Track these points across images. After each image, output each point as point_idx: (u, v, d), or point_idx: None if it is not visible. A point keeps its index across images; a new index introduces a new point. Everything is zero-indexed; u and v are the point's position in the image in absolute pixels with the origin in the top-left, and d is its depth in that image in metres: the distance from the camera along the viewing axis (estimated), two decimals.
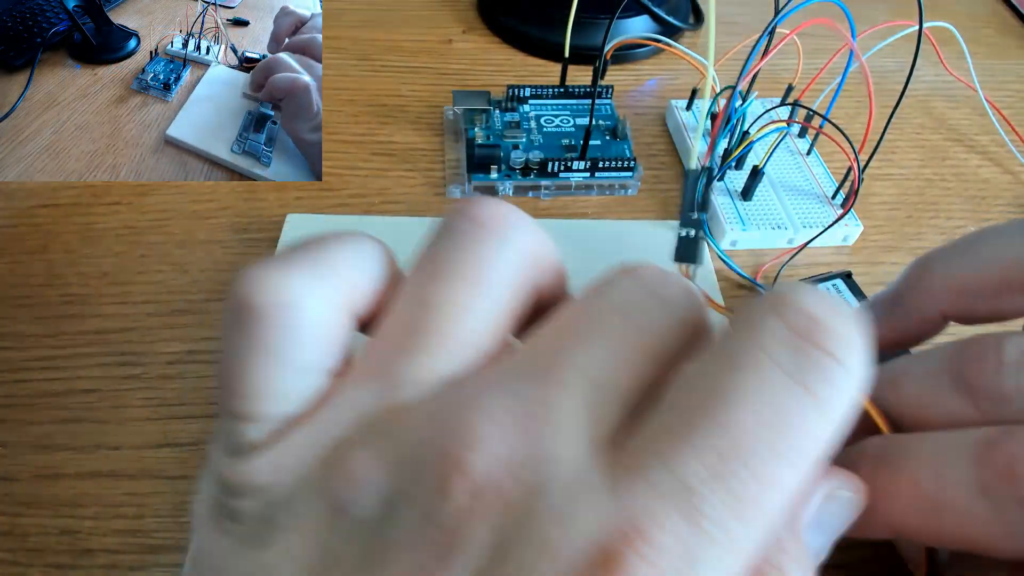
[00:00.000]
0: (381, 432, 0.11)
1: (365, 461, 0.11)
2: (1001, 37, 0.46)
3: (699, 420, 0.10)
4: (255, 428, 0.12)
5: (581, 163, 0.32)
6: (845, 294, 0.26)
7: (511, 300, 0.13)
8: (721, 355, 0.11)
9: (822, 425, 0.11)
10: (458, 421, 0.11)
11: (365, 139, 0.35)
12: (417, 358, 0.12)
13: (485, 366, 0.12)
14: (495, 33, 0.42)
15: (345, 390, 0.12)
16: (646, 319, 0.12)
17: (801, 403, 0.10)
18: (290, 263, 0.12)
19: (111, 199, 0.31)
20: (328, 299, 0.12)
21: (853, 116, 0.38)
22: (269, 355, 0.12)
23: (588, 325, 0.12)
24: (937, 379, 0.16)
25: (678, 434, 0.10)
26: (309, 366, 0.12)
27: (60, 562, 0.21)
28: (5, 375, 0.25)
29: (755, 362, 0.11)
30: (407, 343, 0.12)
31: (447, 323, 0.12)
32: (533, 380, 0.11)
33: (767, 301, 0.11)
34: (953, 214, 0.33)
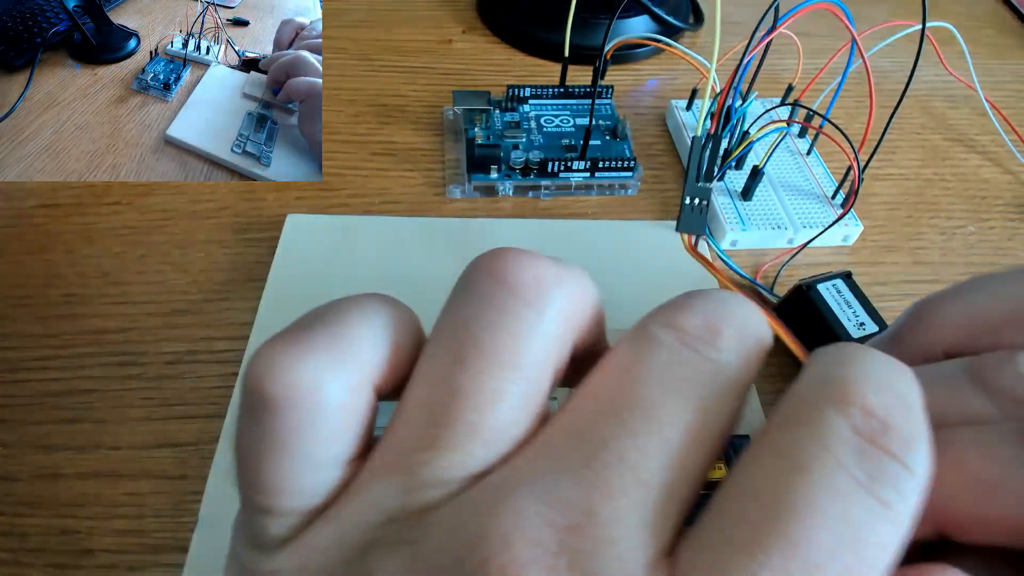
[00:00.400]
0: (405, 538, 0.10)
1: (390, 570, 0.10)
2: (1001, 37, 0.46)
3: (767, 536, 0.09)
4: (277, 523, 0.11)
5: (581, 163, 0.32)
6: (845, 294, 0.26)
7: (549, 377, 0.12)
8: (783, 455, 0.10)
9: (895, 536, 0.10)
10: (488, 533, 0.10)
11: (365, 139, 0.35)
12: (443, 455, 0.11)
13: (518, 453, 0.11)
14: (495, 33, 0.42)
15: (368, 484, 0.11)
16: (701, 395, 0.11)
17: (875, 515, 0.10)
18: (307, 343, 0.11)
19: (111, 199, 0.31)
20: (351, 383, 0.11)
21: (853, 116, 0.38)
22: (289, 450, 0.11)
23: (635, 403, 0.11)
24: (956, 380, 0.16)
25: (745, 551, 0.09)
26: (333, 459, 0.11)
27: (60, 562, 0.21)
28: (5, 375, 0.25)
29: (822, 468, 0.10)
30: (432, 437, 0.11)
31: (476, 415, 0.11)
32: (576, 481, 0.10)
33: (828, 391, 0.10)
34: (953, 214, 0.33)
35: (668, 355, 0.11)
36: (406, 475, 0.11)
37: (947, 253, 0.32)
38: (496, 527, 0.10)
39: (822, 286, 0.26)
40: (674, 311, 0.12)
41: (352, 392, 0.11)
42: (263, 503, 0.11)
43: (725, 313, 0.12)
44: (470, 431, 0.11)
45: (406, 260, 0.28)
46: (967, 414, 0.15)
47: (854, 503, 0.09)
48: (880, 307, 0.27)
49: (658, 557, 0.10)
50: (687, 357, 0.11)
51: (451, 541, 0.10)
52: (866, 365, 0.11)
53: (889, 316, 0.28)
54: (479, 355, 0.11)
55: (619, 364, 0.11)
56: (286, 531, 0.11)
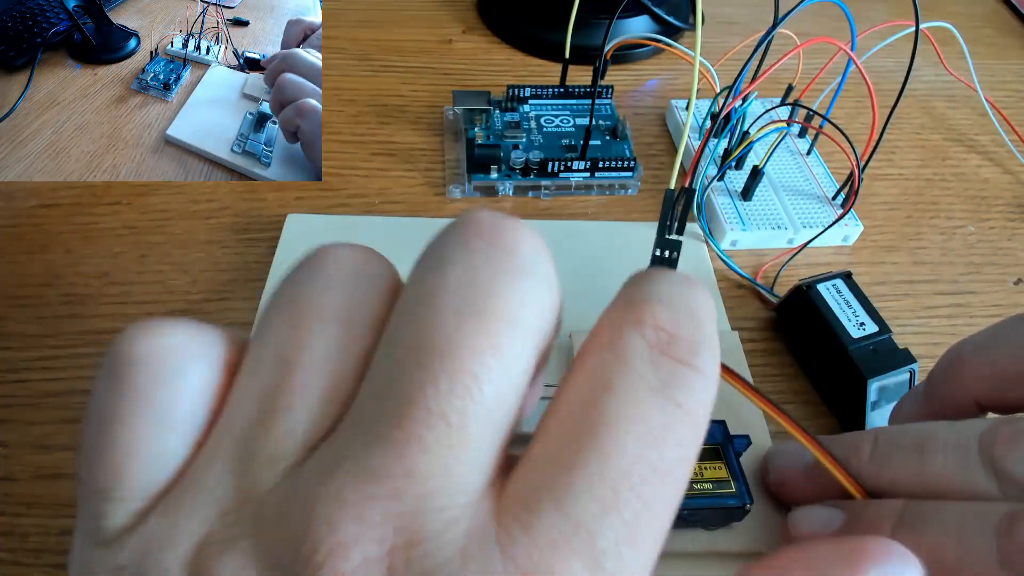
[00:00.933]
0: (241, 533, 0.10)
1: (229, 571, 0.10)
2: (1001, 37, 0.46)
3: (582, 450, 0.10)
4: (118, 509, 0.11)
5: (581, 163, 0.32)
6: (845, 294, 0.26)
7: (362, 336, 0.12)
8: (591, 375, 0.11)
9: (692, 433, 0.11)
10: (312, 520, 0.10)
11: (365, 139, 0.35)
12: (272, 429, 0.11)
13: (339, 422, 0.11)
14: (495, 33, 0.42)
15: (202, 469, 0.11)
16: (489, 329, 0.11)
17: (671, 416, 0.11)
18: (173, 321, 0.12)
19: (111, 199, 0.31)
20: (209, 356, 0.12)
21: (853, 116, 0.38)
22: (141, 404, 0.11)
23: (430, 348, 0.10)
24: (966, 455, 0.16)
25: (564, 466, 0.10)
26: (181, 426, 0.11)
27: (60, 562, 0.21)
28: (5, 375, 0.25)
29: (623, 381, 0.11)
30: (263, 409, 0.11)
31: (304, 376, 0.11)
32: (389, 447, 0.10)
33: (624, 313, 0.12)
34: (953, 214, 0.33)
35: (458, 280, 0.11)
36: (237, 458, 0.11)
37: (947, 253, 0.32)
38: (320, 512, 0.10)
39: (822, 286, 0.26)
40: (435, 260, 0.12)
41: (211, 364, 0.12)
42: (104, 483, 0.11)
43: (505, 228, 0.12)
44: (297, 397, 0.11)
45: (406, 260, 0.28)
46: (971, 491, 0.16)
47: (653, 408, 0.11)
48: (880, 307, 0.27)
49: (483, 491, 0.10)
50: (478, 284, 0.11)
51: (283, 531, 0.10)
52: (660, 286, 0.12)
53: (889, 316, 0.28)
54: (304, 318, 0.12)
55: (408, 310, 0.11)
56: (126, 519, 0.11)
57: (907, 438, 0.18)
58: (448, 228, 0.12)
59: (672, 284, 0.12)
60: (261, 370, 0.11)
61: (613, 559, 0.10)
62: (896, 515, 0.16)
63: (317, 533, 0.10)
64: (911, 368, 0.24)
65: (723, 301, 0.28)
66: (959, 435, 0.17)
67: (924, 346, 0.28)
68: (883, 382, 0.24)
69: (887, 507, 0.16)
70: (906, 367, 0.24)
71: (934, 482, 0.17)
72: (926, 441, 0.17)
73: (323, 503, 0.10)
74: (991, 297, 0.30)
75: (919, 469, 0.17)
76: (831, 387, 0.26)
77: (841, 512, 0.18)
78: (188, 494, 0.11)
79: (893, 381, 0.24)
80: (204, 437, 0.11)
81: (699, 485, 0.20)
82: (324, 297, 0.12)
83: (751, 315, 0.28)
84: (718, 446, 0.21)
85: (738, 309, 0.28)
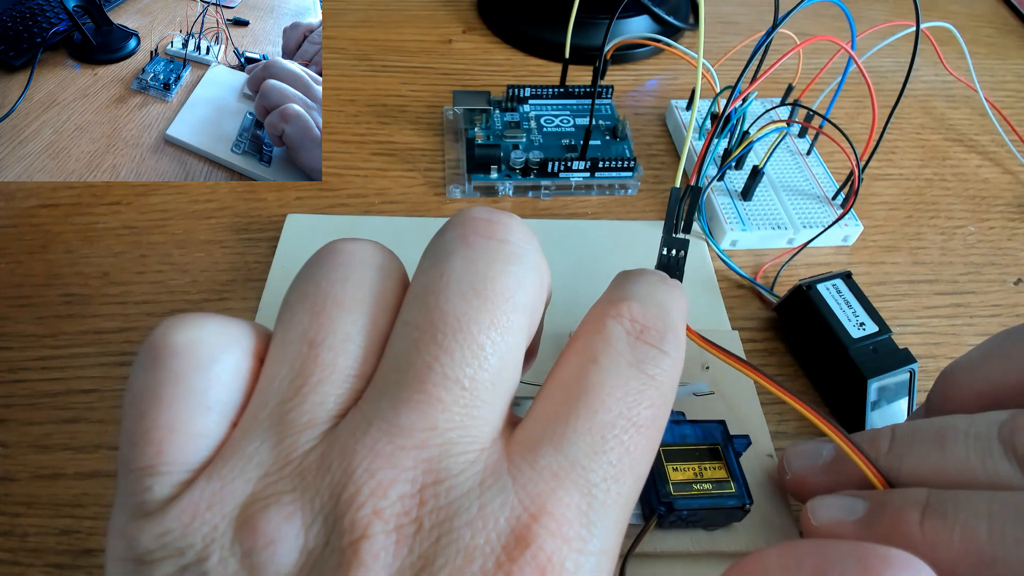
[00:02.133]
0: (284, 488, 0.12)
1: (277, 521, 0.11)
2: (1001, 37, 0.46)
3: (575, 407, 0.13)
4: (162, 482, 0.12)
5: (581, 163, 0.32)
6: (845, 294, 0.26)
7: (378, 320, 0.14)
8: (580, 354, 0.14)
9: (661, 398, 0.14)
10: (353, 469, 0.12)
11: (365, 139, 0.35)
12: (306, 401, 0.12)
13: (365, 394, 0.13)
14: (495, 33, 0.42)
15: (244, 440, 0.12)
16: (493, 304, 0.13)
17: (644, 383, 0.14)
18: (206, 314, 0.13)
19: (111, 199, 0.31)
20: (240, 344, 0.13)
21: (853, 116, 0.38)
22: (181, 388, 0.12)
23: (442, 323, 0.13)
24: (987, 444, 0.16)
25: (560, 419, 0.13)
26: (218, 406, 0.13)
27: (60, 562, 0.21)
28: (5, 375, 0.25)
29: (607, 358, 0.14)
30: (296, 385, 0.13)
31: (330, 355, 0.13)
32: (413, 406, 0.12)
33: (607, 308, 0.15)
34: (953, 214, 0.33)
35: (460, 269, 0.13)
36: (276, 427, 0.12)
37: (947, 253, 0.32)
38: (359, 462, 0.12)
39: (822, 286, 0.26)
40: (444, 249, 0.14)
41: (243, 352, 0.13)
42: (148, 460, 0.12)
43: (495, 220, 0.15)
44: (326, 372, 0.13)
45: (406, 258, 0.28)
46: (993, 480, 0.16)
47: (630, 377, 0.14)
48: (880, 307, 0.27)
49: (494, 439, 0.13)
50: (478, 271, 0.13)
51: (325, 481, 0.12)
52: (637, 286, 0.15)
53: (889, 316, 0.28)
54: (321, 305, 0.14)
55: (420, 296, 0.13)
56: (170, 489, 0.12)
57: (925, 431, 0.18)
58: (447, 225, 0.14)
59: (647, 284, 0.16)
60: (289, 352, 0.13)
61: (602, 490, 0.12)
62: (922, 503, 0.16)
63: (358, 479, 0.11)
64: (911, 368, 0.24)
65: (723, 301, 0.28)
66: (979, 425, 0.17)
67: (924, 346, 0.28)
68: (883, 382, 0.24)
69: (912, 495, 0.16)
70: (906, 367, 0.24)
71: (956, 473, 0.16)
72: (945, 432, 0.17)
73: (361, 455, 0.12)
74: (991, 297, 0.30)
75: (940, 460, 0.17)
76: (831, 387, 0.26)
77: (863, 501, 0.17)
78: (231, 462, 0.12)
79: (893, 381, 0.24)
80: (238, 417, 0.13)
81: (699, 486, 0.20)
82: (341, 286, 0.14)
83: (751, 315, 0.28)
84: (718, 446, 0.21)
85: (738, 309, 0.28)
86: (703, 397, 0.24)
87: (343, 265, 0.14)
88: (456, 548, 0.11)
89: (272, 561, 0.11)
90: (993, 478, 0.16)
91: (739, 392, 0.24)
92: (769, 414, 0.25)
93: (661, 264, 0.21)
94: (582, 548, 0.12)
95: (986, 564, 0.14)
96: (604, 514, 0.12)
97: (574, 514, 0.12)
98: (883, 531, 0.16)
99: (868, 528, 0.16)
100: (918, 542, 0.15)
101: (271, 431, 0.12)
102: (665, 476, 0.20)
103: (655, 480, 0.20)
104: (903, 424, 0.19)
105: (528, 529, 0.11)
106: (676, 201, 0.21)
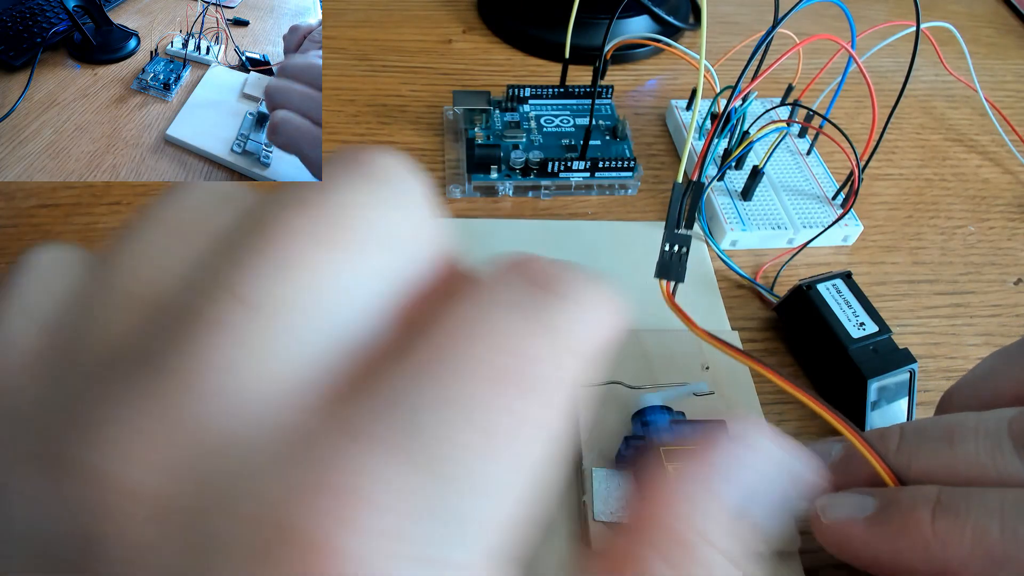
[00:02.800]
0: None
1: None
2: (1001, 37, 0.46)
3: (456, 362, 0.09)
4: None
5: (581, 163, 0.32)
6: (845, 294, 0.26)
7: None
8: (471, 303, 0.10)
9: (560, 354, 0.10)
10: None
11: (365, 139, 0.35)
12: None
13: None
14: (495, 33, 0.42)
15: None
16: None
17: (536, 334, 0.10)
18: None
19: (111, 199, 0.31)
20: None
21: (853, 116, 0.38)
22: None
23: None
24: (997, 441, 0.16)
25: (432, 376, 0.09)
26: None
27: None
28: None
29: (496, 305, 0.10)
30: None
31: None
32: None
33: (513, 262, 0.11)
34: (953, 214, 0.33)
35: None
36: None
37: (947, 253, 0.32)
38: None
39: (822, 286, 0.26)
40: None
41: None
42: None
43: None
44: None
45: None
46: (1004, 477, 0.16)
47: (521, 327, 0.10)
48: (880, 307, 0.27)
49: (310, 396, 0.09)
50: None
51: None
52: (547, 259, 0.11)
53: (889, 316, 0.28)
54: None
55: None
56: None
57: (934, 428, 0.18)
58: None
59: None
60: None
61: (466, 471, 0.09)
62: (933, 501, 0.16)
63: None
64: (911, 368, 0.24)
65: (723, 301, 0.28)
66: (988, 422, 0.17)
67: (924, 346, 0.28)
68: (883, 382, 0.24)
69: (923, 492, 0.16)
70: (906, 367, 0.24)
71: (966, 470, 0.16)
72: (955, 429, 0.17)
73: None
74: (991, 297, 0.30)
75: (950, 458, 0.17)
76: (831, 387, 0.26)
77: (873, 499, 0.17)
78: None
79: (893, 381, 0.24)
80: None
81: None
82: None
83: (751, 315, 0.28)
84: None
85: (738, 309, 0.28)
86: (703, 397, 0.24)
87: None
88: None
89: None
90: (1004, 475, 0.16)
91: (739, 392, 0.24)
92: (769, 414, 0.25)
93: (663, 261, 0.21)
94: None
95: (997, 563, 0.14)
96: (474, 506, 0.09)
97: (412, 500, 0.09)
98: (894, 529, 0.16)
99: (879, 526, 0.16)
100: (930, 540, 0.15)
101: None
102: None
103: None
104: (911, 423, 0.19)
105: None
106: (679, 196, 0.21)
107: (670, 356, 0.25)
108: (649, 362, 0.24)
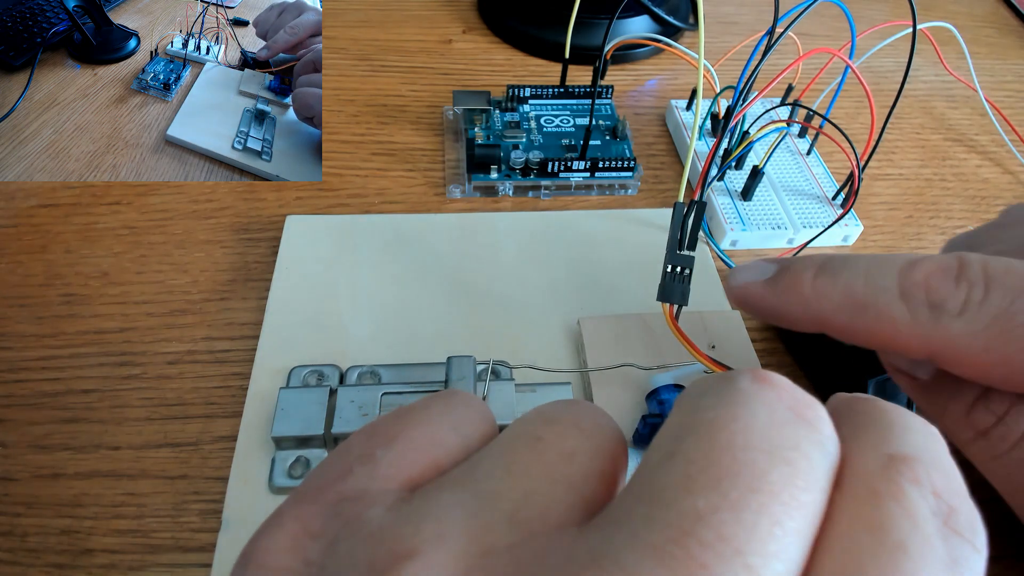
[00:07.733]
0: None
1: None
2: (1001, 37, 0.46)
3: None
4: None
5: (581, 163, 0.32)
6: None
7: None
8: (880, 534, 0.10)
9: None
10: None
11: (365, 139, 0.35)
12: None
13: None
14: (495, 33, 0.42)
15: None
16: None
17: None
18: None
19: (111, 199, 0.31)
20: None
21: (853, 116, 0.38)
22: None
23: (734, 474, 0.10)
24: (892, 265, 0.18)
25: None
26: None
27: (60, 562, 0.21)
28: (5, 375, 0.25)
29: (923, 553, 0.10)
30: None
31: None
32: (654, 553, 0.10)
33: (901, 468, 0.11)
34: (953, 214, 0.33)
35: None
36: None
37: None
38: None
39: None
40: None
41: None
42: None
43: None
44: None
45: (407, 257, 0.28)
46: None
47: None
48: None
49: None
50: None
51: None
52: (916, 437, 0.11)
53: None
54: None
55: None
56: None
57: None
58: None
59: (927, 437, 0.12)
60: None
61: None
62: (817, 265, 0.18)
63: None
64: None
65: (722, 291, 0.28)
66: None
67: None
68: (883, 381, 0.24)
69: (813, 259, 0.19)
70: None
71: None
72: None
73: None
74: None
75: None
76: (831, 387, 0.26)
77: (774, 265, 0.19)
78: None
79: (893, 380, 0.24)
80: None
81: None
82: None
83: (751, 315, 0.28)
84: None
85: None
86: (711, 374, 0.24)
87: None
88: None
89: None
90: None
91: (744, 366, 0.24)
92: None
93: (666, 283, 0.21)
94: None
95: (860, 310, 0.17)
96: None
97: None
98: (783, 287, 0.19)
99: (772, 286, 0.19)
100: (809, 295, 0.18)
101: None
102: None
103: None
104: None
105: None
106: (680, 218, 0.21)
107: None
108: (658, 344, 0.25)
